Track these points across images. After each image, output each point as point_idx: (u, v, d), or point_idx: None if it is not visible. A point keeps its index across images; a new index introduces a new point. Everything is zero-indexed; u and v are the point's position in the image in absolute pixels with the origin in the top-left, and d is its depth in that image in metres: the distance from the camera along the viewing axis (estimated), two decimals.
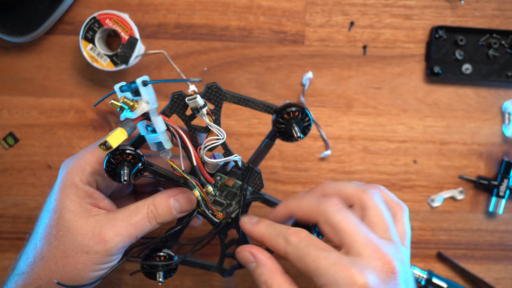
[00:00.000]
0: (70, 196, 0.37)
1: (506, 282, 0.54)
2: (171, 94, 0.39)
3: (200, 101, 0.37)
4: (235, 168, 0.42)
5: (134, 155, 0.37)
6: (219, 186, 0.42)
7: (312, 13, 0.52)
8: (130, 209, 0.38)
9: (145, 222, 0.38)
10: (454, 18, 0.53)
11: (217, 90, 0.39)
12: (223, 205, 0.43)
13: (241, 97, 0.39)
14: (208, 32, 0.52)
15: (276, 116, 0.38)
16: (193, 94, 0.37)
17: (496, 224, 0.54)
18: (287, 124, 0.38)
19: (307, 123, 0.39)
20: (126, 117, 0.36)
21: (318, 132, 0.53)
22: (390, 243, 0.36)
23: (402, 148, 0.53)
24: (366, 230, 0.35)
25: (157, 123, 0.37)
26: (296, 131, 0.38)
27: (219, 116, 0.40)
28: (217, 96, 0.39)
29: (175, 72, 0.52)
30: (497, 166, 0.53)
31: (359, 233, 0.35)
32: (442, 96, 0.53)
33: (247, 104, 0.39)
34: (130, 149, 0.37)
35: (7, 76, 0.51)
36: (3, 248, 0.52)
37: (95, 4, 0.51)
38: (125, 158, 0.37)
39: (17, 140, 0.52)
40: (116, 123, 0.52)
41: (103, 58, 0.48)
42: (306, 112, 0.38)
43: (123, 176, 0.36)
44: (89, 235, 0.36)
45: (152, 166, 0.39)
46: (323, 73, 0.52)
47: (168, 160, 0.37)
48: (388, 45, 0.52)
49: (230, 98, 0.39)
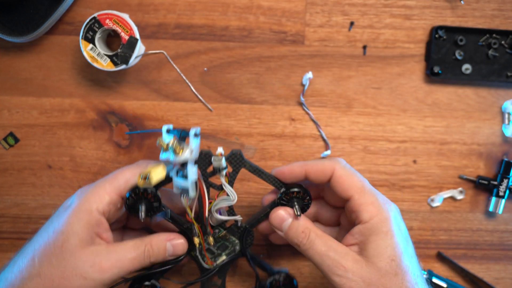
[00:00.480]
0: (82, 221, 0.39)
1: (505, 282, 0.54)
2: (201, 151, 0.42)
3: (223, 163, 0.42)
4: (234, 226, 0.46)
5: (155, 195, 0.41)
6: (216, 237, 0.46)
7: (312, 13, 0.52)
8: (128, 245, 0.41)
9: (140, 259, 0.41)
10: (454, 18, 0.53)
11: (240, 157, 0.44)
12: (214, 253, 0.47)
13: (257, 168, 0.44)
14: (208, 32, 0.52)
15: (282, 193, 0.44)
16: (220, 156, 0.42)
17: (495, 224, 0.54)
18: (290, 201, 0.43)
19: (308, 202, 0.44)
20: (167, 158, 0.39)
21: (318, 132, 0.53)
22: None
23: (402, 148, 0.53)
24: None
25: (192, 172, 0.41)
26: (296, 210, 0.43)
27: (234, 179, 0.44)
28: (238, 162, 0.44)
29: (175, 72, 0.52)
30: (497, 166, 0.53)
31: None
32: (442, 96, 0.53)
33: (260, 175, 0.44)
34: (152, 189, 0.41)
35: (7, 76, 0.51)
36: (4, 248, 0.52)
37: (95, 4, 0.51)
38: (145, 196, 0.41)
39: (17, 140, 0.52)
40: (116, 123, 0.52)
41: (103, 58, 0.48)
42: (308, 193, 0.43)
43: (140, 211, 0.40)
44: (90, 262, 0.38)
45: (164, 208, 0.43)
46: (323, 73, 0.52)
47: (187, 206, 0.42)
48: (388, 45, 0.52)
49: (248, 167, 0.44)
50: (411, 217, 0.53)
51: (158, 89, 0.52)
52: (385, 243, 0.39)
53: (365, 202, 0.41)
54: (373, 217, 0.40)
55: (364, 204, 0.41)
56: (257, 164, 0.44)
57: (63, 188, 0.52)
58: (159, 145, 0.39)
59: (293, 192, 0.43)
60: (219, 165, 0.42)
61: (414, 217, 0.53)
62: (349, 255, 0.40)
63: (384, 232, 0.39)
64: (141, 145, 0.52)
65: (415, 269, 0.40)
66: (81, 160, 0.52)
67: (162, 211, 0.43)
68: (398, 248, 0.39)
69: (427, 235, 0.54)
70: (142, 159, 0.52)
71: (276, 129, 0.52)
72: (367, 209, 0.40)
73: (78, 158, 0.52)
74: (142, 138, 0.52)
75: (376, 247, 0.39)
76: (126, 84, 0.52)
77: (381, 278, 0.38)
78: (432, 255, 0.54)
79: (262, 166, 0.52)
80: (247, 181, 0.53)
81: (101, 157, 0.52)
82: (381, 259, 0.39)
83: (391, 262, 0.39)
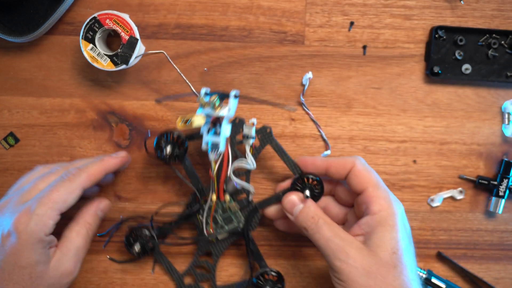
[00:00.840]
0: (38, 250, 0.41)
1: (505, 281, 0.54)
2: (235, 117, 0.46)
3: (253, 132, 0.46)
4: (245, 200, 0.49)
5: (184, 141, 0.46)
6: (225, 207, 0.49)
7: (312, 13, 0.52)
8: (73, 236, 0.45)
9: (88, 239, 0.46)
10: (453, 18, 0.53)
11: (269, 134, 0.48)
12: (218, 223, 0.49)
13: (281, 149, 0.48)
14: (208, 32, 0.52)
15: (296, 178, 0.47)
16: (252, 125, 0.47)
17: (495, 224, 0.54)
18: (303, 188, 0.47)
19: (319, 192, 0.47)
20: (206, 113, 0.43)
21: (318, 132, 0.53)
22: None
23: (402, 148, 0.53)
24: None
25: (226, 129, 0.44)
26: (306, 195, 0.46)
27: (258, 154, 0.48)
28: (266, 138, 0.48)
29: (175, 72, 0.52)
30: (496, 166, 0.53)
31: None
32: (441, 96, 0.53)
33: (283, 157, 0.48)
34: (182, 135, 0.46)
35: (7, 76, 0.51)
36: None
37: (95, 4, 0.51)
38: (174, 139, 0.46)
39: (17, 140, 0.52)
40: (116, 123, 0.52)
41: (103, 58, 0.48)
42: (321, 183, 0.47)
43: (165, 150, 0.46)
44: (58, 275, 0.43)
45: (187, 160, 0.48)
46: (323, 73, 0.52)
47: (214, 160, 0.45)
48: (388, 45, 0.53)
49: (274, 145, 0.48)
50: (411, 217, 0.53)
51: (158, 89, 0.52)
52: (390, 235, 0.41)
53: (377, 196, 0.43)
54: (382, 210, 0.42)
55: (376, 197, 0.43)
56: (257, 164, 0.45)
57: None
58: (199, 101, 0.42)
59: (308, 179, 0.46)
60: (248, 133, 0.46)
61: (414, 217, 0.53)
62: (354, 243, 0.42)
63: (391, 225, 0.42)
64: (141, 145, 0.52)
65: (413, 267, 0.42)
66: None
67: (187, 158, 0.48)
68: (400, 243, 0.41)
69: (427, 235, 0.54)
70: (142, 159, 0.52)
71: (276, 129, 0.52)
72: (378, 202, 0.43)
73: (78, 158, 0.52)
74: (143, 138, 0.52)
75: (380, 238, 0.41)
76: (126, 84, 0.52)
77: (380, 268, 0.40)
78: (432, 255, 0.54)
79: (262, 166, 0.52)
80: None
81: None
82: (383, 250, 0.41)
83: (393, 254, 0.40)
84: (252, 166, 0.47)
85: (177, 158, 0.47)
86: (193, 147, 0.52)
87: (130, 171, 0.52)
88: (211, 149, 0.44)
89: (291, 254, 0.53)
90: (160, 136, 0.46)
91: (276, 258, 0.53)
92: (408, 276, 0.40)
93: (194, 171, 0.49)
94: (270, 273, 0.48)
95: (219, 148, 0.44)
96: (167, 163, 0.47)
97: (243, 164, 0.46)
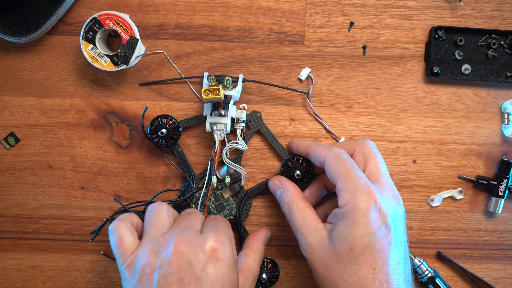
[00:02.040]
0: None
1: (505, 281, 0.54)
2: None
3: (244, 116, 0.49)
4: (237, 185, 0.51)
5: (178, 124, 0.49)
6: (217, 194, 0.51)
7: (312, 14, 0.52)
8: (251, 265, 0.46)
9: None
10: (453, 19, 0.53)
11: (259, 118, 0.51)
12: (210, 212, 0.51)
13: (271, 134, 0.51)
14: (208, 33, 0.52)
15: (286, 160, 0.50)
16: (243, 109, 0.49)
17: (495, 224, 0.54)
18: (290, 169, 0.49)
19: (308, 169, 0.49)
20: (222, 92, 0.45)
21: (317, 132, 0.53)
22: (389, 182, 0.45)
23: (402, 148, 0.53)
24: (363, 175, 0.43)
25: (232, 110, 0.48)
26: (296, 175, 0.49)
27: (249, 138, 0.51)
28: (256, 122, 0.51)
29: (176, 72, 0.52)
30: (496, 166, 0.53)
31: (382, 169, 0.44)
32: (441, 96, 0.53)
33: (272, 141, 0.51)
34: (175, 119, 0.49)
35: (8, 76, 0.52)
36: (4, 247, 0.52)
37: (95, 4, 0.51)
38: (168, 123, 0.48)
39: (18, 140, 0.52)
40: (116, 123, 0.52)
41: (104, 58, 0.48)
42: (309, 162, 0.49)
43: (161, 133, 0.48)
44: None
45: (179, 148, 0.50)
46: (323, 74, 0.52)
47: (218, 140, 0.47)
48: (387, 45, 0.53)
49: (264, 130, 0.51)
50: (411, 217, 0.53)
51: (158, 89, 0.52)
52: (348, 231, 0.41)
53: (344, 189, 0.42)
54: (346, 204, 0.42)
55: (343, 190, 0.42)
56: (257, 164, 0.46)
57: (64, 188, 0.52)
58: (211, 79, 0.46)
59: (294, 160, 0.49)
60: (240, 116, 0.49)
61: (414, 217, 0.53)
62: (318, 233, 0.43)
63: (351, 221, 0.41)
64: (142, 145, 0.52)
65: (384, 266, 0.40)
66: (82, 160, 0.52)
67: (179, 145, 0.50)
68: (359, 240, 0.40)
69: (426, 235, 0.54)
70: (142, 159, 0.52)
71: (276, 129, 0.52)
72: (344, 195, 0.42)
73: (78, 158, 0.52)
74: (143, 138, 0.52)
75: (339, 233, 0.41)
76: (126, 84, 0.52)
77: (337, 263, 0.41)
78: (431, 255, 0.54)
79: (262, 166, 0.52)
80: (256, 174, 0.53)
81: (102, 157, 0.52)
82: (341, 245, 0.41)
83: (349, 251, 0.40)
84: (243, 147, 0.49)
85: (170, 142, 0.49)
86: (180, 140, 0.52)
87: (130, 171, 0.52)
88: (217, 129, 0.47)
89: (291, 254, 0.53)
90: (155, 119, 0.48)
91: (276, 258, 0.53)
92: (368, 274, 0.40)
93: (185, 159, 0.50)
94: (264, 261, 0.49)
95: (227, 129, 0.47)
96: (158, 147, 0.49)
97: (236, 145, 0.48)
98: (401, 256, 0.42)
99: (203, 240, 0.40)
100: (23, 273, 0.53)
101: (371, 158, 0.45)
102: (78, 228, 0.52)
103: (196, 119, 0.51)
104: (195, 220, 0.43)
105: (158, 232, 0.41)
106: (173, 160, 0.51)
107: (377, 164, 0.44)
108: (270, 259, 0.50)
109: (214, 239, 0.40)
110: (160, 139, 0.48)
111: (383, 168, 0.45)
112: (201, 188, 0.51)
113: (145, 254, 0.39)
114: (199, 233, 0.41)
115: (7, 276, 0.52)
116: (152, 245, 0.40)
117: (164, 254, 0.39)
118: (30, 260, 0.52)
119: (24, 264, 0.53)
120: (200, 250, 0.39)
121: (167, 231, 0.41)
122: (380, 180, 0.44)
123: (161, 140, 0.48)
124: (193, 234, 0.40)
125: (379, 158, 0.45)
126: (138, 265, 0.39)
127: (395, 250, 0.41)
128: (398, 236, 0.42)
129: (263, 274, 0.49)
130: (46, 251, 0.52)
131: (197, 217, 0.43)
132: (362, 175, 0.43)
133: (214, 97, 0.45)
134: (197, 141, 0.52)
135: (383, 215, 0.41)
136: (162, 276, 0.38)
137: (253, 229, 0.53)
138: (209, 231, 0.41)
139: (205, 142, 0.52)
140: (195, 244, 0.39)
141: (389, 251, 0.41)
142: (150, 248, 0.40)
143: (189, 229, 0.41)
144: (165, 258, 0.38)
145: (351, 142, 0.48)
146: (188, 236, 0.40)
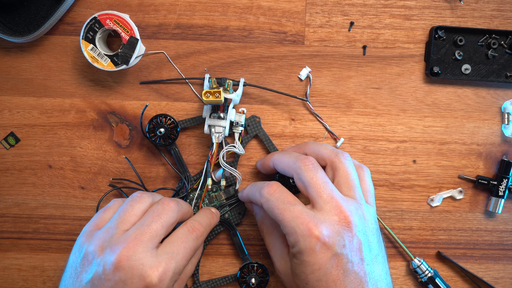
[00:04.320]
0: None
1: (505, 281, 0.54)
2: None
3: (243, 120, 0.49)
4: (232, 188, 0.51)
5: (177, 125, 0.49)
6: (211, 196, 0.51)
7: (312, 14, 0.52)
8: (187, 270, 0.46)
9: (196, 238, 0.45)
10: (453, 19, 0.53)
11: (258, 123, 0.51)
12: None
13: (269, 141, 0.51)
14: (208, 33, 0.52)
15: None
16: (242, 113, 0.50)
17: (495, 224, 0.54)
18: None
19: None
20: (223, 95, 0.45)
21: (317, 132, 0.53)
22: (352, 201, 0.42)
23: (402, 148, 0.53)
24: (332, 188, 0.41)
25: (231, 113, 0.48)
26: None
27: (247, 142, 0.51)
28: (254, 127, 0.51)
29: (176, 72, 0.52)
30: (496, 166, 0.54)
31: (324, 191, 0.41)
32: (441, 96, 0.53)
33: (270, 148, 0.51)
34: (174, 119, 0.49)
35: (8, 76, 0.52)
36: (4, 247, 0.52)
37: (95, 4, 0.51)
38: (166, 123, 0.48)
39: (18, 140, 0.52)
40: (116, 123, 0.52)
41: (104, 58, 0.48)
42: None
43: (159, 132, 0.48)
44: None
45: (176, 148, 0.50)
46: (323, 73, 0.52)
47: (216, 142, 0.47)
48: (387, 45, 0.53)
49: (262, 135, 0.51)
50: (411, 217, 0.53)
51: (158, 89, 0.52)
52: (299, 269, 0.41)
53: (286, 233, 0.41)
54: (293, 246, 0.41)
55: (286, 234, 0.41)
56: (254, 169, 0.46)
57: (64, 188, 0.52)
58: (212, 81, 0.46)
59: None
60: (239, 120, 0.49)
61: (414, 217, 0.53)
62: (283, 259, 0.44)
63: (300, 261, 0.40)
64: (142, 145, 0.52)
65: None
66: (82, 160, 0.52)
67: (176, 145, 0.50)
68: (311, 276, 0.40)
69: (426, 235, 0.54)
70: (142, 159, 0.52)
71: (276, 129, 0.52)
72: (288, 239, 0.41)
73: (78, 158, 0.52)
74: (143, 138, 0.52)
75: (294, 269, 0.42)
76: (126, 84, 0.52)
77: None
78: (431, 254, 0.54)
79: (258, 171, 0.52)
80: None
81: (102, 157, 0.52)
82: (298, 279, 0.42)
83: (305, 285, 0.41)
84: (240, 151, 0.49)
85: (168, 142, 0.49)
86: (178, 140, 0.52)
87: (130, 171, 0.52)
88: (215, 132, 0.47)
89: None
90: (153, 118, 0.48)
91: (265, 263, 0.53)
92: None
93: (182, 159, 0.50)
94: (253, 265, 0.50)
95: (226, 132, 0.47)
96: (155, 146, 0.49)
97: (233, 148, 0.49)
98: (374, 275, 0.41)
99: (148, 267, 0.38)
100: (23, 273, 0.53)
101: (311, 185, 0.42)
102: (78, 228, 0.52)
103: (195, 120, 0.51)
104: (163, 225, 0.41)
105: (121, 226, 0.41)
106: (170, 160, 0.51)
107: (319, 188, 0.41)
108: (259, 264, 0.50)
109: (160, 272, 0.38)
110: (158, 138, 0.48)
111: (327, 188, 0.41)
112: (195, 189, 0.51)
113: (96, 242, 0.40)
114: (153, 249, 0.39)
115: (7, 276, 0.52)
116: (106, 238, 0.40)
117: (107, 257, 0.39)
118: (30, 260, 0.53)
119: (24, 264, 0.53)
120: (139, 276, 0.38)
121: (130, 228, 0.41)
122: (323, 205, 0.41)
123: (158, 139, 0.49)
124: (144, 250, 0.39)
125: (323, 179, 0.42)
126: (86, 248, 0.40)
127: (354, 276, 0.40)
128: (354, 259, 0.40)
129: (252, 279, 0.49)
130: (46, 251, 0.52)
131: (167, 219, 0.41)
132: (299, 210, 0.40)
133: (214, 100, 0.45)
134: (197, 141, 0.52)
135: (330, 246, 0.39)
136: (96, 275, 0.39)
137: (247, 233, 0.53)
138: (165, 253, 0.40)
139: (205, 142, 0.52)
140: (138, 267, 0.38)
141: (345, 277, 0.39)
142: (102, 240, 0.40)
143: (146, 241, 0.39)
144: (106, 261, 0.38)
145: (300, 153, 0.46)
146: (138, 253, 0.38)
